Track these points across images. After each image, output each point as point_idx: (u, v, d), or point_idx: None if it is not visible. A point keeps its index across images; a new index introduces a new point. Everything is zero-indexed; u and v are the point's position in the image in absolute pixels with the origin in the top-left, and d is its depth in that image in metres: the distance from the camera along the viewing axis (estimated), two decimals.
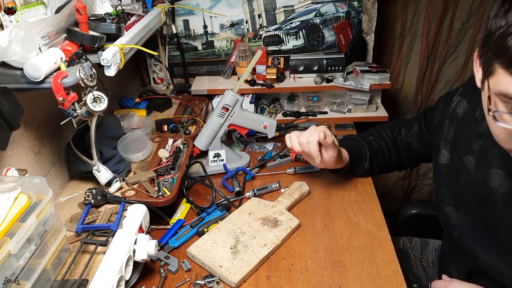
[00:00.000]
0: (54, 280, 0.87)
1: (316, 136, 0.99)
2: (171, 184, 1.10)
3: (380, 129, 1.19)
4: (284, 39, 1.68)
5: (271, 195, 1.17)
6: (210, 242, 0.97)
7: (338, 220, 1.06)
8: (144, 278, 0.90)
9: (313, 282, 0.88)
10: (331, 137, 1.01)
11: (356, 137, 1.18)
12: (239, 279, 0.87)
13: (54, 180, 1.17)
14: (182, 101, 1.60)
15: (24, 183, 0.81)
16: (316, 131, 1.00)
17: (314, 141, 0.99)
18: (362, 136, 1.18)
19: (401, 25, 1.87)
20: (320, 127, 1.03)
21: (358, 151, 1.14)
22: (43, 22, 0.90)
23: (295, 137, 1.03)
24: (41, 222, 0.82)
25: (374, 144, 1.15)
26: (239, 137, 1.42)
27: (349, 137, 1.20)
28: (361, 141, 1.15)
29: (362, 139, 1.16)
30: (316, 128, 1.02)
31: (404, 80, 2.00)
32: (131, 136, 1.34)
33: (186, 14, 1.65)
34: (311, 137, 1.00)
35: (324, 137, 0.99)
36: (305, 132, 1.03)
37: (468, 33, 1.86)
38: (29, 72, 0.85)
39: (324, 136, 0.99)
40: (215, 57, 1.74)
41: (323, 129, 1.01)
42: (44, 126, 1.13)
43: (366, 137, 1.17)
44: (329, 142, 1.00)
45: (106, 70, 1.00)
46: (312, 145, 1.00)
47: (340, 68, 1.64)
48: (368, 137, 1.17)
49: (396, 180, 2.31)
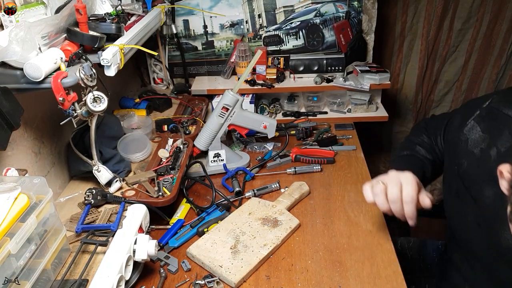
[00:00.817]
0: (54, 280, 0.87)
1: (413, 194, 0.83)
2: (171, 184, 1.10)
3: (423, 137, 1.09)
4: (284, 39, 1.68)
5: (271, 195, 1.17)
6: (210, 242, 0.97)
7: (338, 220, 1.06)
8: (144, 278, 0.90)
9: (313, 282, 0.88)
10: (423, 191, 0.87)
11: (413, 153, 1.05)
12: (239, 279, 0.87)
13: (54, 180, 1.17)
14: (182, 101, 1.60)
15: (24, 183, 0.81)
16: (411, 186, 0.83)
17: (412, 202, 0.83)
18: (415, 150, 1.06)
19: (401, 25, 1.87)
20: (408, 176, 0.85)
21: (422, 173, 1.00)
22: (43, 22, 0.90)
23: (381, 193, 0.85)
24: (41, 222, 0.82)
25: (428, 157, 1.04)
26: (239, 137, 1.42)
27: (403, 154, 1.06)
28: (420, 159, 1.04)
29: (418, 154, 1.05)
30: (407, 179, 0.85)
31: (404, 80, 2.01)
32: (131, 136, 1.34)
33: (186, 14, 1.65)
34: (408, 197, 0.83)
35: (430, 203, 0.84)
36: (392, 184, 0.85)
37: (468, 33, 1.86)
38: (29, 72, 0.85)
39: (430, 199, 0.85)
40: (215, 57, 1.75)
41: (414, 180, 0.85)
42: (44, 126, 1.13)
43: (419, 151, 1.05)
44: (427, 203, 0.85)
45: (106, 70, 1.00)
46: (410, 206, 0.83)
47: (340, 68, 1.64)
48: (420, 150, 1.05)
49: None
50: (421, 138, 1.09)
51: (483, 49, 1.88)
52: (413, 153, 1.05)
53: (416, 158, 1.04)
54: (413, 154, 1.05)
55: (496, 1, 1.76)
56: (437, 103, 2.07)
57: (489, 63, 1.91)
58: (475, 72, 1.95)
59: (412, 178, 0.85)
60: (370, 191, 0.88)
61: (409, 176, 0.85)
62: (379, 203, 0.86)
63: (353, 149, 1.37)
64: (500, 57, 1.88)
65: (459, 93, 2.02)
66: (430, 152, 1.05)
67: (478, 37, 1.86)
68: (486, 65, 1.92)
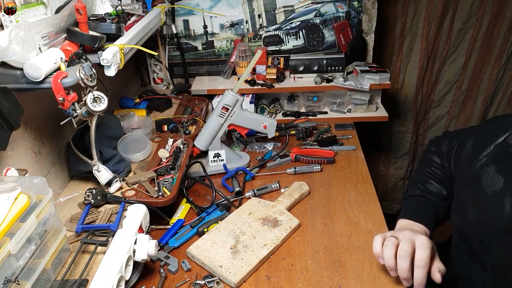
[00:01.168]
0: (54, 280, 0.87)
1: (427, 260, 0.79)
2: (171, 184, 1.10)
3: (435, 165, 1.04)
4: (284, 39, 1.68)
5: (271, 195, 1.17)
6: (210, 242, 0.97)
7: (338, 220, 1.06)
8: (144, 278, 0.90)
9: (313, 282, 0.88)
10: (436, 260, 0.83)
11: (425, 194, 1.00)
12: (239, 279, 0.87)
13: (54, 180, 1.17)
14: (182, 101, 1.60)
15: (24, 183, 0.81)
16: (424, 250, 0.79)
17: (425, 267, 0.79)
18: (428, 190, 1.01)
19: (401, 25, 1.87)
20: (423, 240, 0.81)
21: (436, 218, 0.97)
22: (43, 22, 0.90)
23: (392, 246, 0.81)
24: (41, 222, 0.82)
25: (443, 193, 1.00)
26: (239, 137, 1.42)
27: (415, 195, 1.01)
28: (433, 201, 0.99)
29: (431, 195, 1.00)
30: (421, 243, 0.80)
31: (404, 80, 2.01)
32: (131, 136, 1.34)
33: (186, 14, 1.65)
34: (421, 261, 0.79)
35: (440, 279, 0.80)
36: (406, 242, 0.81)
37: (468, 33, 1.86)
38: (29, 72, 0.85)
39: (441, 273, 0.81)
40: (215, 57, 1.75)
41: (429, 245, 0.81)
42: (44, 126, 1.13)
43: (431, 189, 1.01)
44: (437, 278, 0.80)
45: (106, 70, 1.00)
46: (422, 271, 0.79)
47: (340, 68, 1.64)
48: (432, 187, 1.01)
49: (396, 181, 2.31)
50: (433, 168, 1.04)
51: (483, 49, 1.88)
52: (425, 194, 1.00)
53: (428, 202, 0.99)
54: (425, 196, 1.00)
55: (496, 1, 1.76)
56: (437, 103, 2.07)
57: (489, 63, 1.91)
58: (475, 72, 1.95)
59: (427, 243, 0.81)
60: (380, 241, 0.84)
61: (424, 240, 0.81)
62: (387, 255, 0.81)
63: (353, 149, 1.37)
64: (500, 57, 1.88)
65: (459, 93, 2.02)
66: (443, 184, 1.00)
67: (478, 37, 1.86)
68: (486, 65, 1.92)
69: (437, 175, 1.03)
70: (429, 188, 1.02)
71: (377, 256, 0.84)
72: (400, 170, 2.27)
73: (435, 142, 1.09)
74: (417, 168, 1.10)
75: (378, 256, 0.84)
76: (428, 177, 1.03)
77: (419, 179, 1.05)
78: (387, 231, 0.89)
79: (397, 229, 0.94)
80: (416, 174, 1.09)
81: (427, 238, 0.82)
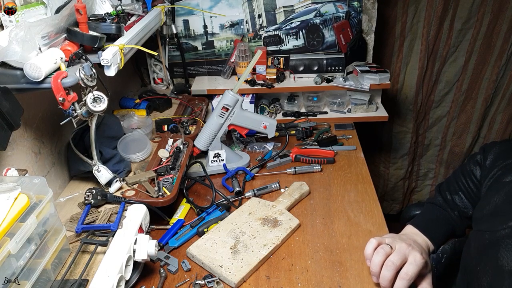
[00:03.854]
0: (54, 280, 0.87)
1: (412, 275, 0.79)
2: (171, 184, 1.10)
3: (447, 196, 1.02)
4: (284, 39, 1.68)
5: (271, 195, 1.17)
6: (210, 242, 0.97)
7: (338, 220, 1.06)
8: (144, 278, 0.90)
9: (313, 282, 0.88)
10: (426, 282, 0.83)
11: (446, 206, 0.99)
12: (239, 279, 0.87)
13: (54, 180, 1.17)
14: (182, 101, 1.60)
15: (24, 183, 0.81)
16: (414, 267, 0.79)
17: (407, 281, 0.78)
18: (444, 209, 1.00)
19: (401, 25, 1.87)
20: (418, 258, 0.80)
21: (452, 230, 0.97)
22: (43, 22, 0.90)
23: (382, 255, 0.81)
24: (41, 222, 0.82)
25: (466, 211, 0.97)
26: (239, 137, 1.42)
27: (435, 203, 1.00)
28: (451, 217, 0.98)
29: (453, 208, 0.99)
30: (415, 259, 0.80)
31: (404, 80, 2.01)
32: (131, 136, 1.34)
33: (186, 14, 1.65)
34: (405, 275, 0.79)
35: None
36: (399, 254, 0.81)
37: (468, 33, 1.86)
38: (29, 72, 0.85)
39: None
40: (215, 57, 1.75)
41: (420, 263, 0.80)
42: (44, 126, 1.13)
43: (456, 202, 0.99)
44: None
45: (106, 70, 1.00)
46: (402, 283, 0.78)
47: (340, 68, 1.64)
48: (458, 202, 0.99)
49: (396, 181, 2.31)
50: (469, 181, 0.99)
51: (483, 49, 1.88)
52: (447, 207, 0.99)
53: (447, 216, 0.98)
54: (446, 209, 0.99)
55: (496, 1, 1.76)
56: (437, 103, 2.07)
57: (489, 63, 1.91)
58: (475, 72, 1.95)
59: (420, 261, 0.80)
60: (373, 245, 0.84)
61: (417, 258, 0.80)
62: (374, 261, 0.81)
63: (353, 149, 1.37)
64: (500, 57, 1.88)
65: (459, 93, 2.02)
66: (472, 201, 0.97)
67: (478, 37, 1.86)
68: (486, 65, 1.92)
69: (470, 190, 0.98)
70: (456, 200, 0.98)
71: (366, 258, 0.86)
72: (400, 170, 2.27)
73: (485, 150, 0.99)
74: (456, 172, 1.05)
75: (367, 258, 0.85)
76: (460, 188, 0.99)
77: (450, 186, 1.01)
78: (387, 235, 0.90)
79: (401, 233, 0.94)
80: (451, 177, 1.04)
81: (421, 257, 0.81)
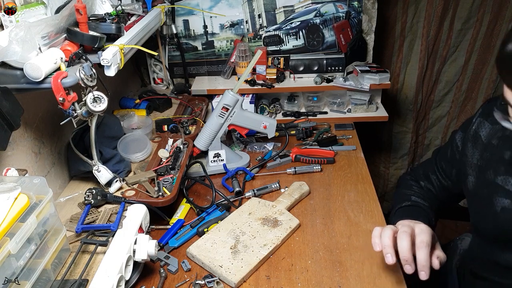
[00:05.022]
0: (54, 280, 0.87)
1: (428, 241, 0.79)
2: (171, 184, 1.10)
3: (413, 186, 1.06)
4: (284, 39, 1.68)
5: (271, 195, 1.17)
6: (210, 242, 0.97)
7: (338, 220, 1.06)
8: (144, 278, 0.90)
9: (313, 282, 0.88)
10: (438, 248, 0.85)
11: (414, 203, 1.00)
12: (239, 279, 0.87)
13: (54, 180, 1.17)
14: (182, 101, 1.60)
15: (24, 183, 0.81)
16: (425, 234, 0.80)
17: (427, 247, 0.78)
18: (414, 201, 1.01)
19: (401, 25, 1.87)
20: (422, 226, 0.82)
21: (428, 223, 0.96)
22: (43, 22, 0.90)
23: (390, 229, 0.82)
24: (41, 222, 0.82)
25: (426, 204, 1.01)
26: (239, 137, 1.42)
27: (405, 206, 1.00)
28: (423, 208, 1.00)
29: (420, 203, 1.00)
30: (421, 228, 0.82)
31: (404, 80, 2.01)
32: (131, 136, 1.34)
33: (186, 14, 1.65)
34: (422, 243, 0.79)
35: (438, 265, 0.80)
36: (405, 226, 0.82)
37: (468, 33, 1.86)
38: (29, 72, 0.85)
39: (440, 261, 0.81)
40: (215, 57, 1.75)
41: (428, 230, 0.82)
42: (44, 126, 1.13)
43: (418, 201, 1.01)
44: (435, 264, 0.80)
45: (106, 70, 1.00)
46: (424, 252, 0.78)
47: (340, 68, 1.64)
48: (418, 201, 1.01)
49: (396, 181, 2.31)
50: (414, 188, 1.05)
51: (483, 49, 1.88)
52: (415, 203, 1.00)
53: (419, 208, 0.99)
54: (415, 205, 0.99)
55: (496, 1, 1.76)
56: (437, 103, 2.07)
57: (489, 63, 1.91)
58: (475, 72, 1.95)
59: (427, 229, 0.82)
60: (379, 230, 0.83)
61: (423, 227, 0.82)
62: (384, 235, 0.80)
63: (353, 149, 1.37)
64: None
65: (459, 93, 2.02)
66: (426, 200, 1.02)
67: (478, 37, 1.86)
68: (486, 65, 1.92)
69: (419, 193, 1.03)
70: (415, 200, 1.01)
71: (374, 243, 0.82)
72: (400, 170, 2.27)
73: (408, 174, 1.12)
74: (396, 194, 1.08)
75: (376, 243, 0.82)
76: (411, 194, 1.03)
77: (401, 199, 1.03)
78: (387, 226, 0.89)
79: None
80: (396, 198, 1.06)
81: (426, 226, 0.83)
